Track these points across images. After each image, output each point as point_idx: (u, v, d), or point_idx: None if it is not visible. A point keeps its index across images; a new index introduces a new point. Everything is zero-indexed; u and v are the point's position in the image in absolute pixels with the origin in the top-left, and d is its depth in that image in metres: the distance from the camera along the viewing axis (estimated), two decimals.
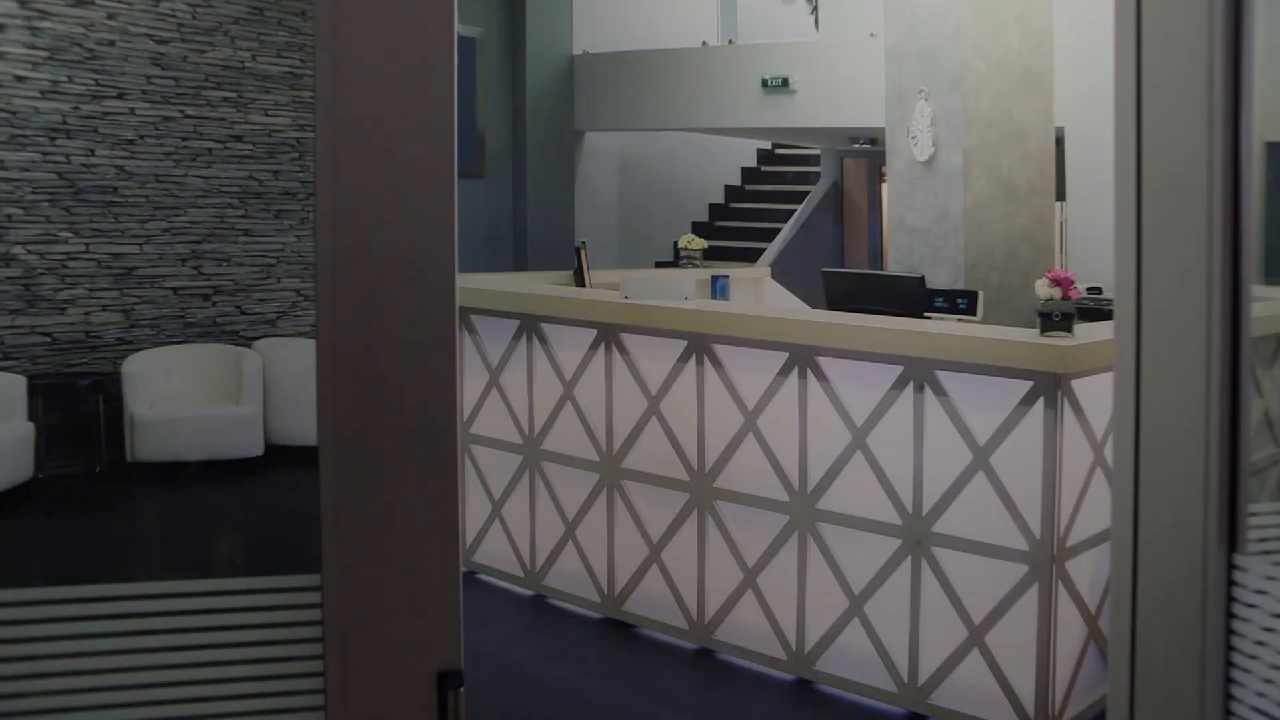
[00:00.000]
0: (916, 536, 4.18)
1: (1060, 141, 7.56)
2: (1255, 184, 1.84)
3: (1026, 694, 3.95)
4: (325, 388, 1.41)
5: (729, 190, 14.29)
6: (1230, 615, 1.85)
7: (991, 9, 6.96)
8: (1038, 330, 4.07)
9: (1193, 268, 1.85)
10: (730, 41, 13.11)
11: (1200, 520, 1.85)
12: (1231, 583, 1.85)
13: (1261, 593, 1.81)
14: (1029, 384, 3.91)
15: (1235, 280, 1.84)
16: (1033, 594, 3.91)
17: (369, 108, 1.41)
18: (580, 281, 6.46)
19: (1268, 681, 1.80)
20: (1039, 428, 3.89)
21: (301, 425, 8.45)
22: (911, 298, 5.56)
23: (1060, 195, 7.92)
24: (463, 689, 1.43)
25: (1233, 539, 1.85)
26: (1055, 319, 4.02)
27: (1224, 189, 1.81)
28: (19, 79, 7.56)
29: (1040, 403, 3.88)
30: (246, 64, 8.93)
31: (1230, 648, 1.85)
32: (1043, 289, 4.07)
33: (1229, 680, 1.85)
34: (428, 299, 1.43)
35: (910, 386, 4.20)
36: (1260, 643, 1.80)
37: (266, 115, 9.06)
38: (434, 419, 1.44)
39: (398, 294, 1.43)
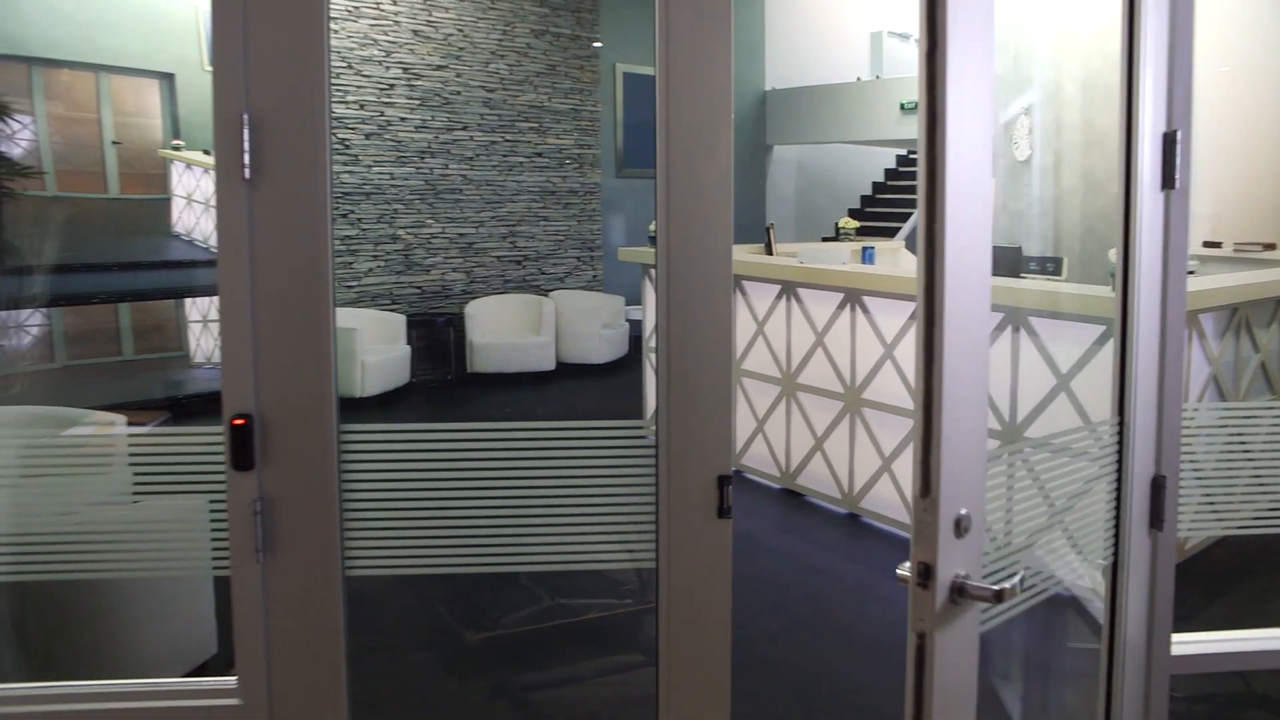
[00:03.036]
0: (1011, 439, 4.04)
1: None
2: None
3: None
4: (661, 318, 1.64)
5: (875, 185, 13.84)
6: None
7: (1077, 42, 6.48)
8: (1109, 288, 3.84)
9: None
10: (877, 76, 12.61)
11: None
12: None
13: None
14: (1101, 328, 3.71)
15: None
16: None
17: (684, 147, 1.62)
18: (769, 251, 6.43)
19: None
20: (1109, 361, 3.69)
21: (580, 350, 8.71)
22: (1012, 263, 5.30)
23: None
24: (731, 485, 1.68)
25: None
26: None
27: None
28: (402, 119, 8.00)
29: (1110, 343, 3.67)
30: (544, 104, 9.19)
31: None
32: (1114, 256, 3.82)
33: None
34: (714, 264, 1.65)
35: (1009, 328, 4.04)
36: None
37: (558, 139, 9.29)
38: (718, 333, 1.66)
39: (699, 262, 1.64)
